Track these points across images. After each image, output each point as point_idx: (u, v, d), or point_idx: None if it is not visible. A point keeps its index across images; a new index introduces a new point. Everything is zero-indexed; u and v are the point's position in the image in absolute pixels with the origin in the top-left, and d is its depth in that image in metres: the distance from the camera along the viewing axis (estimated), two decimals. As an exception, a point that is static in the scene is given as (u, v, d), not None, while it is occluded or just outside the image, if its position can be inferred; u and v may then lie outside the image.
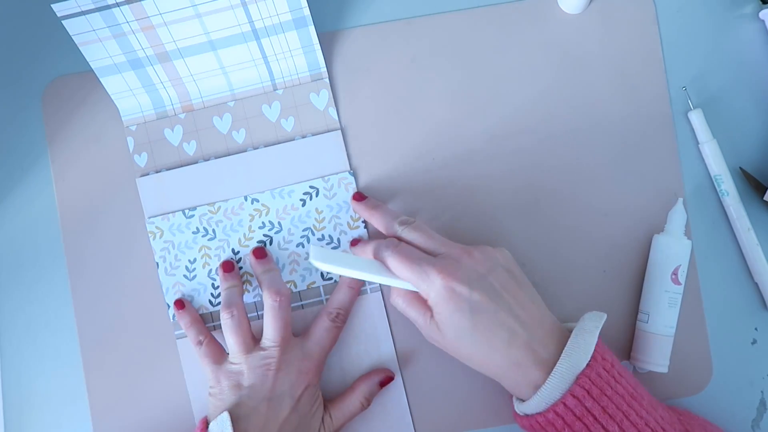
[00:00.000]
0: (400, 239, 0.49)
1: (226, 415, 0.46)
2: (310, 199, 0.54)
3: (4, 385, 0.54)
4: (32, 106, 0.55)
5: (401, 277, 0.47)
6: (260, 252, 0.53)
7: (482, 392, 0.53)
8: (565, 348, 0.43)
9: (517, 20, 0.56)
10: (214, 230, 0.54)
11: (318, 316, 0.52)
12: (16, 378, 0.54)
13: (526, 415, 0.45)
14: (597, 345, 0.44)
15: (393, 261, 0.47)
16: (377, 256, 0.48)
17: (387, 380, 0.52)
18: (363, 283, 0.53)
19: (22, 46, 0.56)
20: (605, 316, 0.46)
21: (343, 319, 0.52)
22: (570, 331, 0.46)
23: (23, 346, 0.54)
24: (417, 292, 0.47)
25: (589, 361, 0.43)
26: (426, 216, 0.54)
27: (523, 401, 0.45)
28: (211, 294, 0.54)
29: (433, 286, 0.45)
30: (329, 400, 0.51)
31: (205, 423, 0.47)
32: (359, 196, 0.53)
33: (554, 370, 0.43)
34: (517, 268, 0.48)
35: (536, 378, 0.44)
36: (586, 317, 0.46)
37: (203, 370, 0.50)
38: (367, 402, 0.51)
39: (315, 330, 0.51)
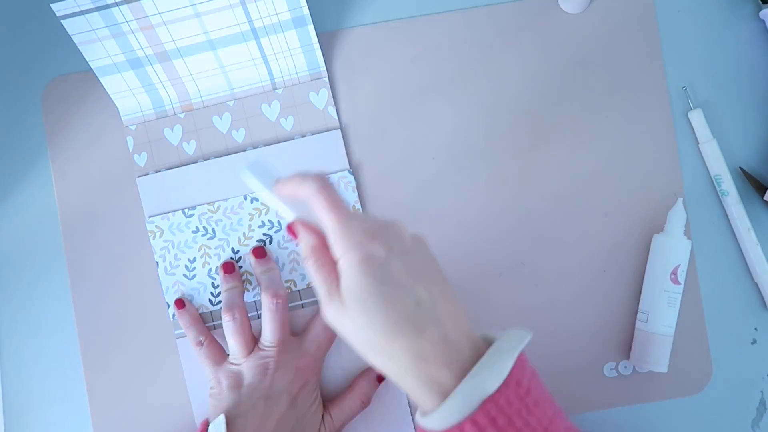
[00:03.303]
0: None
1: (221, 418, 0.46)
2: (310, 198, 0.54)
3: (4, 385, 0.54)
4: (32, 106, 0.55)
5: (322, 223, 0.39)
6: (260, 251, 0.53)
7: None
8: (477, 365, 0.35)
9: (517, 20, 0.56)
10: (213, 229, 0.54)
11: (316, 314, 0.52)
12: (16, 378, 0.54)
13: (425, 430, 0.37)
14: (514, 368, 0.36)
15: (319, 202, 0.39)
16: (305, 189, 0.40)
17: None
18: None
19: (22, 46, 0.56)
20: (530, 336, 0.38)
21: None
22: (485, 343, 0.38)
23: (23, 346, 0.54)
24: (327, 256, 0.39)
25: (500, 386, 0.35)
26: (425, 216, 0.54)
27: (425, 413, 0.37)
28: (211, 293, 0.54)
29: (349, 245, 0.37)
30: (329, 400, 0.51)
31: (207, 424, 0.47)
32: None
33: (459, 386, 0.35)
34: (436, 262, 0.40)
35: (444, 379, 0.36)
36: (508, 335, 0.38)
37: (203, 371, 0.51)
38: (367, 399, 0.51)
39: (313, 328, 0.51)
